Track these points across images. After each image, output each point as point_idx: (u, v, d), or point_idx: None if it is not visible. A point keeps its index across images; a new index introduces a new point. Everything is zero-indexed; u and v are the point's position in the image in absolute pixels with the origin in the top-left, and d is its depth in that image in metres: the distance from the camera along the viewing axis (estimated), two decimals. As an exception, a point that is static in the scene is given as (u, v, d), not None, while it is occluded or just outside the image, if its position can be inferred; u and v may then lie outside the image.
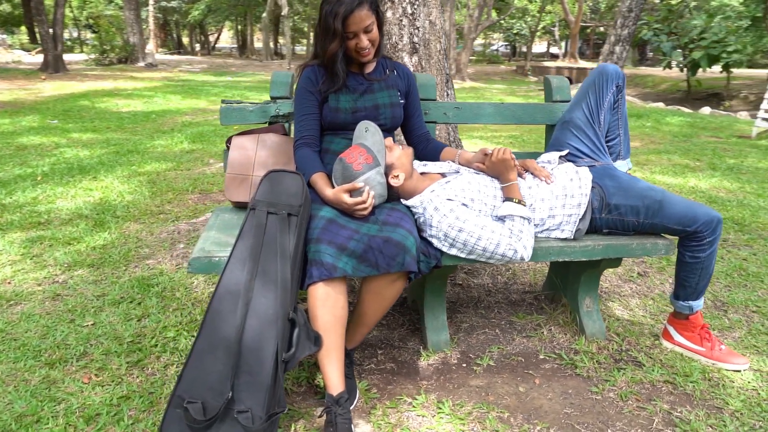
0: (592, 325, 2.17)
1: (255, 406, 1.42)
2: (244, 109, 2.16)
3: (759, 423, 1.70)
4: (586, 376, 1.93)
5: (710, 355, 2.03)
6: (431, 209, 1.76)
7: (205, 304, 2.38)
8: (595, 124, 2.05)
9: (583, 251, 1.88)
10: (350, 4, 1.77)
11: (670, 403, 1.78)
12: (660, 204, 1.87)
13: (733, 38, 13.35)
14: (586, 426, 1.67)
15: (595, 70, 2.08)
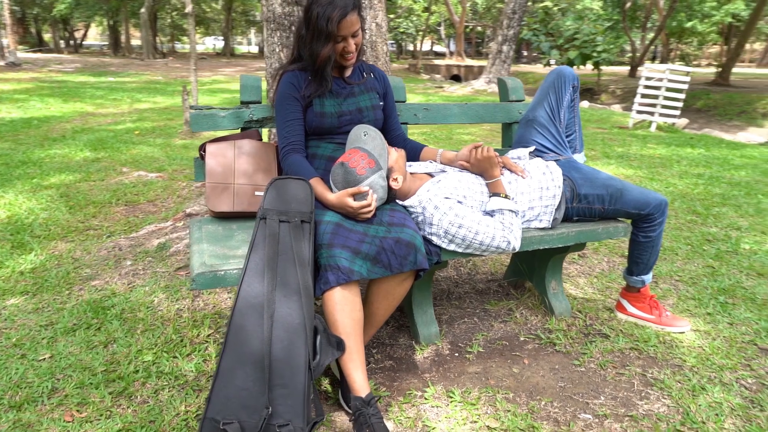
0: (559, 306, 2.37)
1: (294, 418, 1.40)
2: (216, 115, 2.07)
3: (712, 374, 1.97)
4: (566, 352, 2.11)
5: (659, 321, 2.31)
6: (431, 208, 1.82)
7: (176, 322, 2.25)
8: (556, 122, 2.24)
9: (559, 238, 2.05)
10: (344, 8, 1.77)
11: (642, 367, 2.01)
12: (621, 192, 2.10)
13: (601, 38, 14.84)
14: (581, 395, 1.84)
15: (553, 72, 2.27)
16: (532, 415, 1.73)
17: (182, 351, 2.05)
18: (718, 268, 2.98)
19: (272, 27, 3.06)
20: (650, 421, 1.71)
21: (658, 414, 1.74)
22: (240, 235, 1.89)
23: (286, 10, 2.98)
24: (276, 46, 3.07)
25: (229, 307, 2.38)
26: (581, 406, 1.78)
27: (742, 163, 5.97)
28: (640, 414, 1.74)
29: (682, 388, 1.88)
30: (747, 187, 4.82)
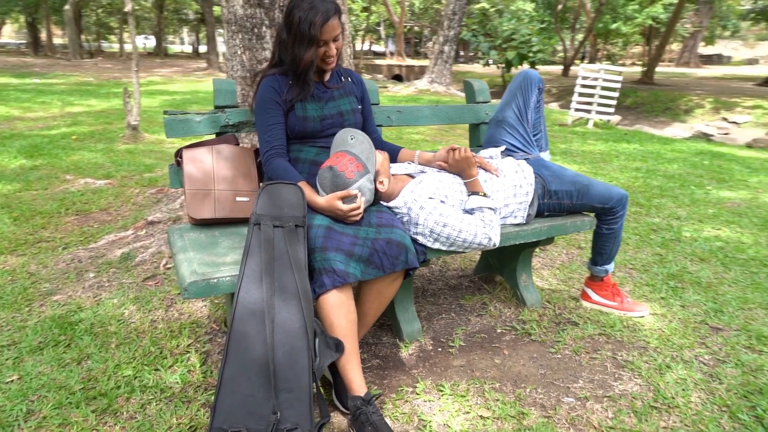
0: (530, 297, 2.48)
1: (302, 421, 1.41)
2: (191, 120, 2.03)
3: (674, 353, 2.14)
4: (541, 341, 2.22)
5: (622, 307, 2.47)
6: (417, 208, 1.87)
7: (152, 334, 2.19)
8: (524, 122, 2.34)
9: (533, 233, 2.16)
10: (326, 12, 1.78)
11: (611, 350, 2.15)
12: (587, 187, 2.23)
13: (536, 39, 15.43)
14: (561, 381, 1.94)
15: (520, 74, 2.38)
16: (520, 402, 1.81)
17: (164, 363, 1.99)
18: (665, 256, 3.21)
19: (233, 29, 3.02)
20: (626, 400, 1.83)
21: (632, 393, 1.87)
22: (225, 242, 1.86)
23: (248, 12, 2.95)
24: (238, 48, 3.04)
25: (206, 316, 2.34)
26: (563, 390, 1.89)
27: (674, 157, 6.41)
28: (616, 394, 1.87)
29: (650, 368, 2.02)
30: (680, 179, 5.19)
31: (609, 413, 1.76)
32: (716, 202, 4.44)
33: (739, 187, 5.01)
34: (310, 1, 1.79)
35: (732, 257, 3.20)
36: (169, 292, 2.51)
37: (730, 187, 4.97)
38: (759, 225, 3.83)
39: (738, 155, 6.85)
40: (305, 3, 1.79)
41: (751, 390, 1.89)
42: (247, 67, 3.05)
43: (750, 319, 2.43)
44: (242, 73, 3.06)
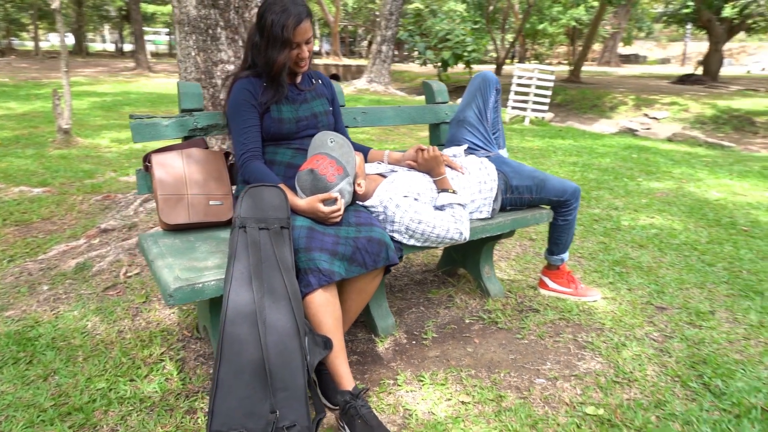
0: (493, 288, 2.61)
1: (299, 418, 1.44)
2: (158, 124, 1.99)
3: (627, 332, 2.32)
4: (508, 328, 2.34)
5: (576, 293, 2.64)
6: (392, 207, 1.93)
7: (121, 345, 2.12)
8: (484, 121, 2.46)
9: (498, 226, 2.27)
10: (298, 15, 1.81)
11: (572, 333, 2.31)
12: (544, 182, 2.37)
13: (470, 39, 15.88)
14: (531, 364, 2.07)
15: (479, 76, 2.49)
16: (496, 386, 1.92)
17: (138, 373, 1.95)
18: (609, 244, 3.45)
19: (187, 30, 2.97)
20: (591, 377, 1.98)
21: (595, 371, 2.02)
22: (203, 247, 1.85)
23: (202, 13, 2.91)
24: (191, 49, 2.98)
25: (175, 323, 2.29)
26: (534, 372, 2.01)
27: (605, 151, 6.83)
28: (581, 372, 2.01)
29: (608, 347, 2.19)
30: (614, 173, 5.55)
31: (578, 390, 1.90)
32: (647, 192, 4.79)
33: (666, 178, 5.42)
34: (282, 4, 1.81)
35: (666, 243, 3.48)
36: (132, 301, 2.44)
37: (657, 179, 5.37)
38: (686, 212, 4.17)
39: (661, 149, 7.38)
40: (277, 6, 1.81)
41: (696, 361, 2.09)
42: (201, 69, 3.00)
43: (688, 298, 2.67)
44: (197, 74, 3.01)
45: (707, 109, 11.61)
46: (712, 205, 4.39)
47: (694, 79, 17.99)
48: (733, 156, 7.04)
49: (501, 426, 1.70)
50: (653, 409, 1.79)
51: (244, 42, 2.99)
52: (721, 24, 17.81)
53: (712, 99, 12.76)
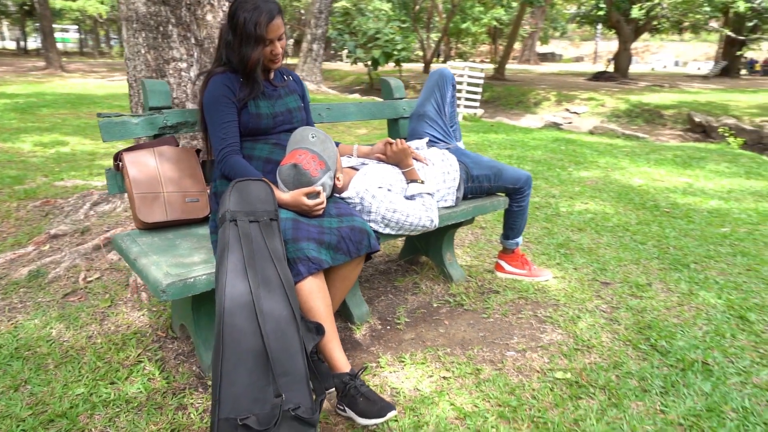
0: (455, 273, 2.75)
1: (303, 399, 1.50)
2: (128, 122, 1.97)
3: (579, 306, 2.54)
4: (473, 309, 2.50)
5: (530, 274, 2.84)
6: (369, 197, 2.02)
7: (93, 349, 2.07)
8: (442, 115, 2.60)
9: (462, 214, 2.41)
10: (270, 12, 1.84)
11: (532, 310, 2.49)
12: (500, 171, 2.54)
13: (399, 38, 16.16)
14: (500, 339, 2.22)
15: (436, 72, 2.62)
16: (472, 361, 2.06)
17: (118, 376, 1.92)
18: (551, 228, 3.70)
19: (135, 27, 2.90)
20: (555, 347, 2.16)
21: (558, 341, 2.21)
22: (184, 244, 1.85)
23: (152, 10, 2.85)
24: (141, 47, 2.92)
25: (147, 325, 2.26)
26: (503, 347, 2.17)
27: (536, 144, 7.23)
28: (545, 343, 2.19)
29: (565, 320, 2.39)
30: (547, 164, 5.91)
31: (545, 359, 2.07)
32: (578, 181, 5.15)
33: (593, 167, 5.83)
34: (254, 2, 1.84)
35: (602, 225, 3.79)
36: (97, 306, 2.37)
37: (585, 168, 5.77)
38: (615, 198, 4.54)
39: (585, 141, 7.91)
40: (249, 4, 1.84)
41: (642, 326, 2.33)
42: (152, 67, 2.94)
43: (627, 273, 2.94)
44: (147, 73, 2.94)
45: (621, 103, 12.53)
46: (636, 191, 4.80)
47: (607, 76, 19.30)
48: (648, 146, 7.67)
49: (482, 395, 1.83)
50: (612, 370, 1.99)
51: (196, 39, 2.96)
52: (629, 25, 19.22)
53: (624, 94, 13.77)
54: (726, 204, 4.41)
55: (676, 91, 15.66)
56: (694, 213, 4.12)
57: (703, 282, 2.81)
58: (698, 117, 10.65)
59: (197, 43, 2.96)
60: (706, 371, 1.97)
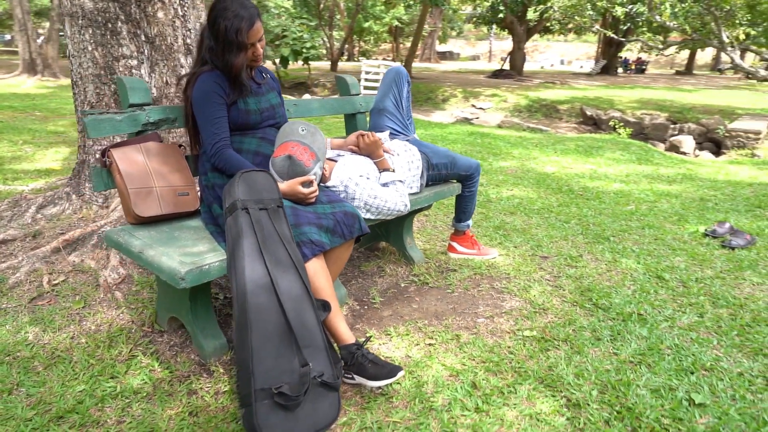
0: (416, 255, 2.99)
1: (325, 367, 1.64)
2: (113, 119, 1.97)
3: (527, 277, 2.87)
4: (438, 286, 2.74)
5: (480, 253, 3.14)
6: (353, 185, 2.18)
7: (81, 349, 2.05)
8: (400, 110, 2.81)
9: (425, 199, 2.64)
10: (250, 18, 1.93)
11: (488, 283, 2.78)
12: (455, 159, 2.80)
13: (307, 36, 16.14)
14: (468, 309, 2.48)
15: (393, 70, 2.82)
16: (449, 329, 2.29)
17: (116, 370, 1.93)
18: (487, 213, 4.05)
19: (81, 23, 2.83)
20: (517, 312, 2.46)
21: (518, 307, 2.51)
22: (183, 236, 1.91)
23: (99, 6, 2.80)
24: (88, 44, 2.86)
25: (129, 321, 2.25)
26: (473, 315, 2.43)
27: (455, 138, 7.68)
28: (508, 309, 2.48)
29: (519, 289, 2.71)
30: (468, 155, 6.33)
31: (511, 322, 2.36)
32: (500, 171, 5.60)
33: (509, 158, 6.35)
34: (233, 9, 1.92)
35: (529, 209, 4.20)
36: (70, 308, 2.32)
37: (503, 159, 6.27)
38: (535, 184, 5.02)
39: (497, 134, 8.51)
40: (229, 12, 1.91)
41: (583, 290, 2.70)
42: (100, 65, 2.87)
43: (560, 248, 3.34)
44: (95, 70, 2.88)
45: (522, 99, 13.50)
46: (551, 178, 5.32)
47: (505, 74, 20.58)
48: (551, 138, 8.42)
49: (467, 356, 2.07)
50: (568, 326, 2.32)
51: (147, 37, 2.93)
52: (521, 26, 20.62)
53: (523, 91, 14.82)
54: (627, 186, 5.05)
55: (567, 87, 17.11)
56: (603, 194, 4.68)
57: (622, 251, 3.27)
58: (589, 111, 11.78)
59: (148, 41, 2.93)
60: (641, 320, 2.36)
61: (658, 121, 10.61)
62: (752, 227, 3.74)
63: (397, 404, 1.79)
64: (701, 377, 1.92)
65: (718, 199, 4.62)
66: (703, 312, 2.44)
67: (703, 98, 14.03)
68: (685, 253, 3.23)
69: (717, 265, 3.03)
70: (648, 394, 1.82)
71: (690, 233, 3.61)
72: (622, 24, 19.62)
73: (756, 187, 5.09)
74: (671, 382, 1.89)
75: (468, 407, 1.76)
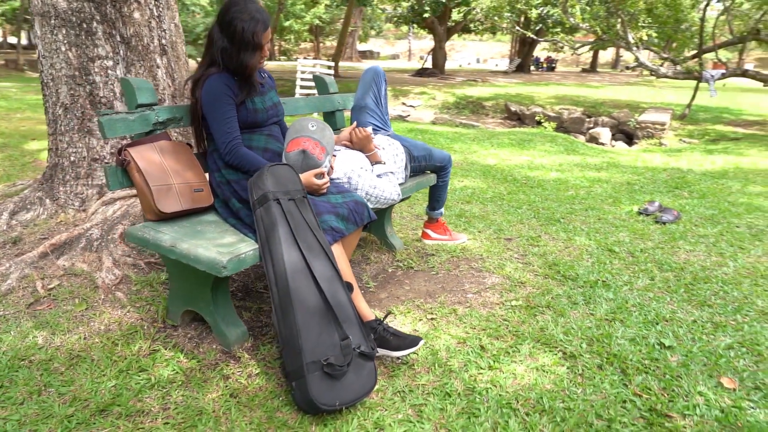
0: (397, 243, 3.19)
1: (361, 340, 1.81)
2: (126, 119, 2.02)
3: (499, 257, 3.16)
4: (423, 269, 2.96)
5: (451, 238, 3.40)
6: (356, 177, 2.35)
7: (99, 348, 2.08)
8: (379, 107, 3.00)
9: (409, 189, 2.85)
10: (265, 21, 2.06)
11: (467, 264, 3.05)
12: (430, 152, 3.03)
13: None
14: (456, 286, 2.72)
15: (371, 70, 3.00)
16: (445, 305, 2.52)
17: (143, 364, 1.99)
18: (446, 203, 4.33)
19: (54, 23, 2.79)
20: (499, 286, 2.73)
21: (499, 283, 2.79)
22: (207, 229, 2.00)
23: (74, 6, 2.78)
24: (61, 44, 2.82)
25: (138, 319, 2.29)
26: (461, 292, 2.68)
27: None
28: (491, 285, 2.75)
29: (495, 267, 2.99)
30: (414, 150, 6.60)
31: (497, 295, 2.63)
32: (446, 163, 5.92)
33: (452, 152, 6.70)
34: (249, 12, 2.03)
35: (483, 197, 4.53)
36: (72, 311, 2.31)
37: (447, 153, 6.60)
38: (482, 175, 5.38)
39: (435, 130, 8.89)
40: (245, 14, 2.03)
41: (550, 265, 3.03)
42: (74, 65, 2.84)
43: (519, 230, 3.67)
44: (69, 71, 2.84)
45: (449, 96, 14.05)
46: (494, 169, 5.71)
47: (429, 72, 21.22)
48: (485, 132, 8.91)
49: (468, 325, 2.31)
50: (546, 295, 2.62)
51: (122, 37, 2.92)
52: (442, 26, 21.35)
53: (449, 89, 15.42)
54: (563, 174, 5.53)
55: (489, 85, 17.98)
56: (544, 182, 5.12)
57: (573, 230, 3.65)
58: (513, 107, 12.52)
59: (123, 41, 2.92)
60: (605, 286, 2.71)
61: (575, 115, 11.49)
62: (675, 205, 4.29)
63: (419, 370, 1.99)
64: (665, 326, 2.28)
65: (642, 182, 5.21)
66: (653, 276, 2.84)
67: (610, 94, 15.30)
68: (626, 229, 3.67)
69: (654, 237, 3.49)
70: (627, 342, 2.14)
71: (626, 212, 4.09)
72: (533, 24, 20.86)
73: (670, 172, 5.76)
74: (642, 332, 2.23)
75: (482, 366, 2.00)
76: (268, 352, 2.09)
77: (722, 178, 5.39)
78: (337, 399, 1.67)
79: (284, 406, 1.78)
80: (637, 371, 1.96)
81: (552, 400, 1.80)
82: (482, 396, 1.82)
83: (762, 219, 3.90)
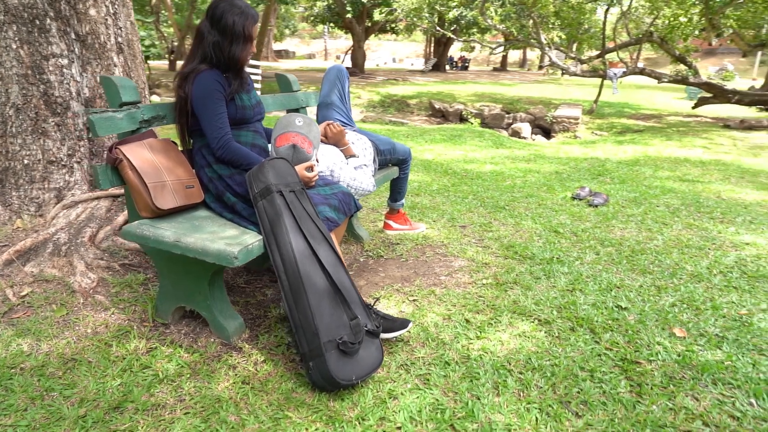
0: (363, 234, 3.33)
1: (366, 319, 1.94)
2: (114, 117, 2.01)
3: (458, 242, 3.39)
4: (392, 257, 3.12)
5: (411, 228, 3.59)
6: (338, 170, 2.46)
7: (90, 350, 2.05)
8: (344, 103, 3.12)
9: (379, 181, 3.00)
10: (254, 16, 2.13)
11: (432, 250, 3.24)
12: (393, 146, 3.20)
13: (145, 33, 15.11)
14: (427, 270, 2.91)
15: (334, 68, 3.11)
16: (423, 289, 2.69)
17: (146, 361, 2.00)
18: (397, 196, 4.51)
19: (3, 19, 2.69)
20: (467, 268, 2.95)
21: (465, 265, 3.00)
22: (205, 224, 2.03)
23: (25, 2, 2.68)
24: (11, 42, 2.71)
25: (125, 320, 2.27)
26: (434, 275, 2.86)
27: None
28: (459, 267, 2.96)
29: (458, 251, 3.21)
30: (354, 148, 6.75)
31: (467, 275, 2.84)
32: (387, 159, 6.12)
33: (390, 148, 6.89)
34: (239, 6, 2.10)
35: (430, 190, 4.77)
36: (53, 317, 2.24)
37: (385, 149, 6.80)
38: (425, 170, 5.63)
39: (368, 128, 9.05)
40: (236, 9, 2.09)
41: (506, 247, 3.30)
42: (27, 64, 2.72)
43: (471, 218, 3.93)
44: (20, 69, 2.72)
45: (374, 95, 14.30)
46: (433, 163, 5.99)
47: (350, 72, 21.38)
48: (416, 129, 9.22)
49: (448, 304, 2.50)
50: (506, 273, 2.87)
51: (77, 35, 2.83)
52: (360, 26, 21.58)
53: (373, 87, 15.68)
54: (497, 166, 5.91)
55: (409, 84, 18.46)
56: (482, 174, 5.45)
57: (519, 216, 3.97)
58: (437, 104, 12.98)
59: (78, 39, 2.84)
60: (560, 262, 3.01)
61: (495, 111, 12.14)
62: (601, 190, 4.75)
63: (415, 345, 2.15)
64: (618, 292, 2.60)
65: (568, 171, 5.69)
66: (598, 251, 3.19)
67: (523, 91, 16.25)
68: (564, 212, 4.04)
69: (591, 218, 3.88)
70: (590, 307, 2.43)
71: (561, 198, 4.48)
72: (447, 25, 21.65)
73: (590, 161, 6.32)
74: (600, 298, 2.53)
75: (471, 337, 2.19)
76: (267, 341, 2.16)
77: (635, 165, 6.01)
78: (353, 374, 1.79)
79: (299, 387, 1.87)
80: (603, 330, 2.24)
81: (539, 359, 2.03)
82: (478, 362, 2.02)
83: (675, 199, 4.44)
